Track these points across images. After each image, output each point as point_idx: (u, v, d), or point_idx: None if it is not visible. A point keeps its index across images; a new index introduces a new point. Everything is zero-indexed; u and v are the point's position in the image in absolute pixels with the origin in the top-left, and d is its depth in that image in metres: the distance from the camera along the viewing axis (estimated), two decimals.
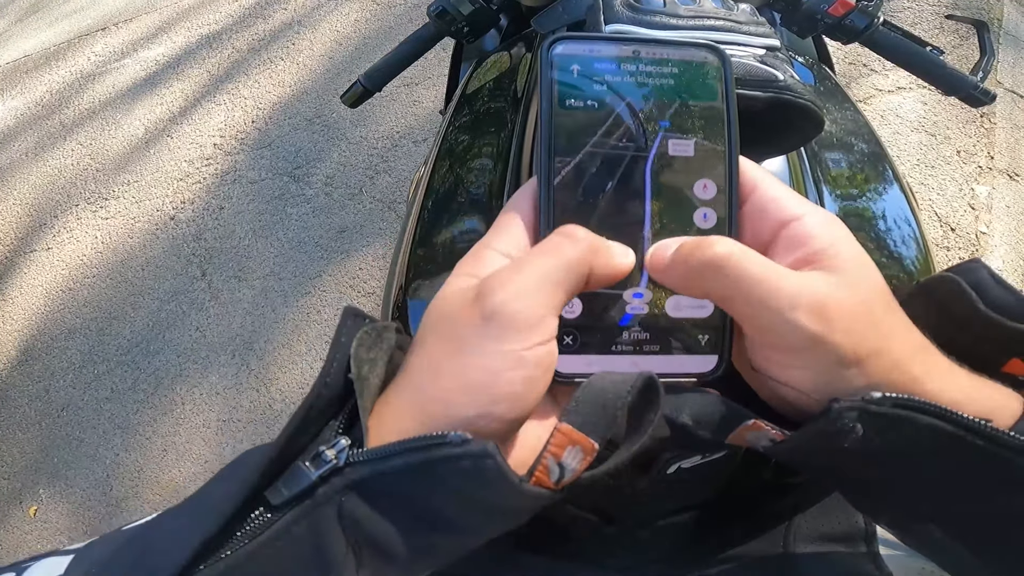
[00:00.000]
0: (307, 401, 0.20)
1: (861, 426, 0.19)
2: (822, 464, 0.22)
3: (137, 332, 1.75)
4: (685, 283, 0.22)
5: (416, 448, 0.19)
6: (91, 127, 2.33)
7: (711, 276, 0.20)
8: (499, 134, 0.64)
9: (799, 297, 0.20)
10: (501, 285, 0.20)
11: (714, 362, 0.23)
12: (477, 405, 0.19)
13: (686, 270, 0.21)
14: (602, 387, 0.20)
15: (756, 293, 0.20)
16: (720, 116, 0.24)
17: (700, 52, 0.24)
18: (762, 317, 0.20)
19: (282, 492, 0.19)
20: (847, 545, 0.31)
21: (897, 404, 0.19)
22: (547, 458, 0.20)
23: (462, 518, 0.20)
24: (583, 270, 0.21)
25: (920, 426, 0.19)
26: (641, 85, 0.23)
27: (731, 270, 0.20)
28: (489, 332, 0.20)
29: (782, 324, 0.20)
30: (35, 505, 1.57)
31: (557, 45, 0.24)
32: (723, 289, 0.20)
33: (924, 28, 1.68)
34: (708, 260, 0.20)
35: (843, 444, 0.19)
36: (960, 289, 0.22)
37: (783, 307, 0.19)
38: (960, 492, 0.20)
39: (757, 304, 0.20)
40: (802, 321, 0.19)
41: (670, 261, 0.22)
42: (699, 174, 0.23)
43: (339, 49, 2.19)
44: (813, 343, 0.19)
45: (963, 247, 1.36)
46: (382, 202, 1.75)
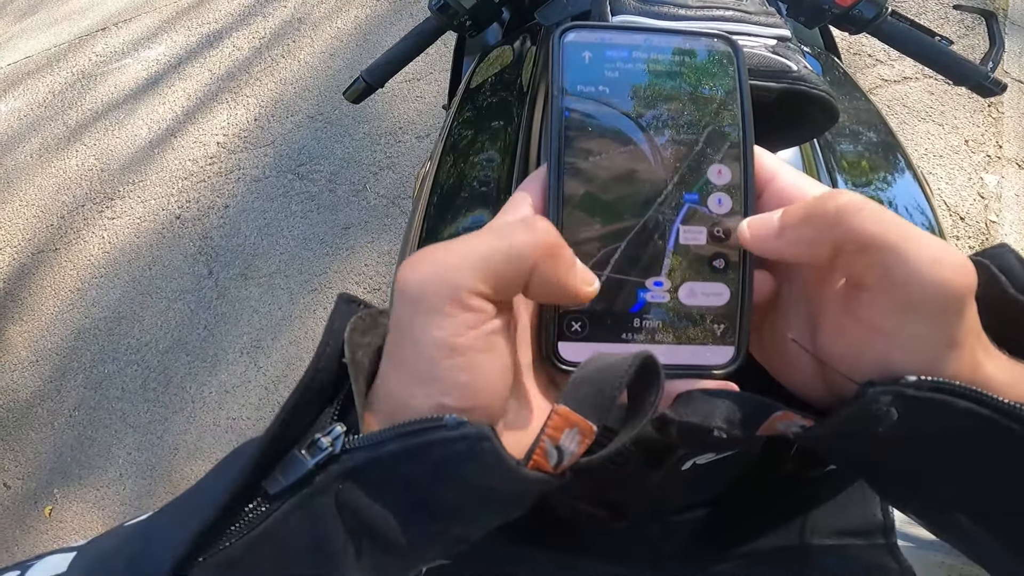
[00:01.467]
0: (300, 386, 0.20)
1: (895, 410, 0.18)
2: (852, 451, 0.22)
3: (146, 331, 1.76)
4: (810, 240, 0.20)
5: (411, 432, 0.18)
6: (95, 128, 2.33)
7: (853, 223, 0.19)
8: (505, 128, 0.64)
9: (944, 253, 0.18)
10: (421, 262, 0.19)
11: (730, 353, 0.23)
12: (429, 397, 0.19)
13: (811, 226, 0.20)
14: (599, 368, 0.20)
15: (899, 239, 0.18)
16: (733, 102, 0.23)
17: (711, 41, 0.24)
18: (905, 270, 0.18)
19: (279, 481, 0.19)
20: (864, 538, 0.31)
21: (934, 388, 0.18)
22: (544, 441, 0.19)
23: (461, 505, 0.20)
24: (523, 264, 0.19)
25: (957, 410, 0.18)
26: (653, 73, 0.23)
27: (871, 214, 0.19)
28: (416, 318, 0.19)
29: (925, 276, 0.18)
30: (50, 505, 1.58)
31: (568, 33, 0.23)
32: (867, 235, 0.19)
33: (929, 18, 1.66)
34: (842, 206, 0.19)
35: (877, 428, 0.19)
36: (990, 274, 0.22)
37: (930, 258, 0.18)
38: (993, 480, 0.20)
39: (900, 251, 0.18)
40: (948, 276, 0.18)
41: (781, 225, 0.21)
42: (713, 160, 0.23)
43: (340, 45, 2.19)
44: (956, 305, 0.18)
45: (973, 236, 1.35)
46: (386, 198, 1.75)
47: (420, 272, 0.19)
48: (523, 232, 0.19)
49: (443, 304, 0.19)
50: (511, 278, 0.19)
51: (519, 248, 0.19)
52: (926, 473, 0.21)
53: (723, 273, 0.23)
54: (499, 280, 0.19)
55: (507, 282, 0.19)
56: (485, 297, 0.19)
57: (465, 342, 0.19)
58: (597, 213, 0.22)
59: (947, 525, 0.23)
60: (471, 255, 0.19)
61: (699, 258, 0.23)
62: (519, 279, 0.19)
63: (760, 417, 0.21)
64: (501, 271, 0.19)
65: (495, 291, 0.19)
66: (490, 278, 0.19)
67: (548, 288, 0.20)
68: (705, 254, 0.23)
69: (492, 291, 0.19)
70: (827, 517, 0.32)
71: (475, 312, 0.19)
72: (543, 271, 0.19)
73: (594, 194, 0.22)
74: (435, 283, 0.19)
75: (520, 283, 0.20)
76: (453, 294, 0.19)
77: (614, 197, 0.23)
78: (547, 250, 0.20)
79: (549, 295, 0.21)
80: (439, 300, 0.19)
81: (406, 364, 0.19)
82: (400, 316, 0.19)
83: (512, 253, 0.19)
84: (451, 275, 0.19)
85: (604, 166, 0.23)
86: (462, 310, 0.19)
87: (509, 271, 0.19)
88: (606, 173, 0.23)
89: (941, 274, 0.18)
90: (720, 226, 0.23)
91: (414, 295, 0.19)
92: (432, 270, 0.19)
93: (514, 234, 0.19)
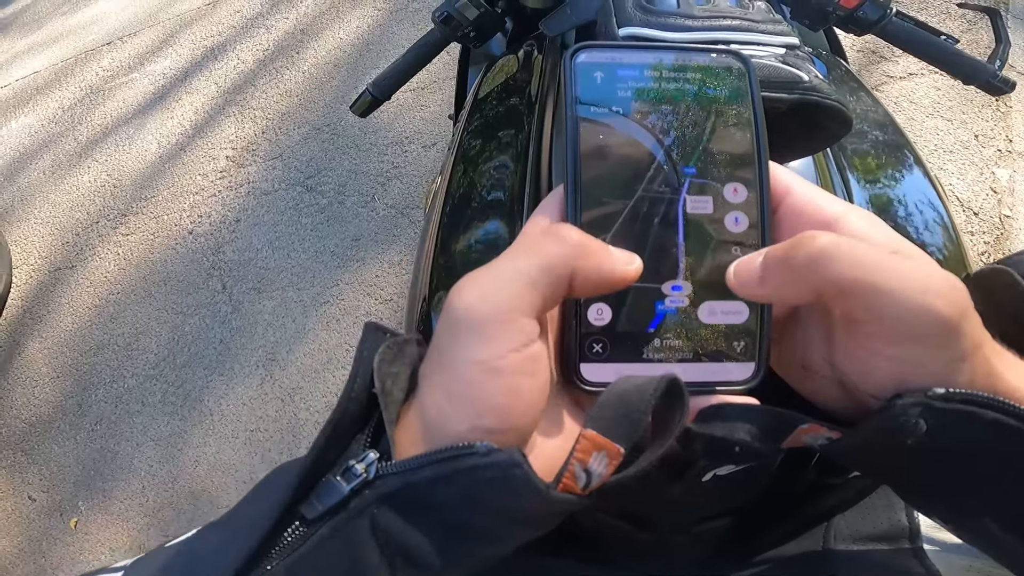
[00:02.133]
0: (333, 417, 0.20)
1: (923, 422, 0.18)
2: (877, 461, 0.22)
3: (163, 346, 1.78)
4: (791, 285, 0.20)
5: (443, 459, 0.19)
6: (105, 143, 2.36)
7: (827, 269, 0.19)
8: (516, 137, 0.64)
9: (929, 281, 0.18)
10: (466, 288, 0.20)
11: (751, 369, 0.23)
12: (466, 419, 0.19)
13: (790, 271, 0.20)
14: (625, 391, 0.20)
15: (879, 279, 0.18)
16: (747, 119, 0.24)
17: (723, 58, 0.24)
18: (889, 305, 0.18)
19: (316, 507, 0.19)
20: (889, 543, 0.31)
21: (963, 400, 0.18)
22: (573, 464, 0.19)
23: (492, 526, 0.20)
24: (563, 272, 0.20)
25: (985, 422, 0.18)
26: (665, 91, 0.23)
27: (846, 257, 0.19)
28: (458, 341, 0.19)
29: (913, 310, 0.18)
30: (75, 517, 1.60)
31: (580, 53, 0.24)
32: (843, 280, 0.19)
33: (931, 14, 1.65)
34: (817, 252, 0.19)
35: (905, 441, 0.19)
36: (1014, 281, 0.22)
37: (914, 291, 0.18)
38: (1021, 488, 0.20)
39: (884, 291, 0.18)
40: (937, 306, 0.18)
41: (762, 270, 0.21)
42: (728, 178, 0.23)
43: (344, 56, 2.20)
44: (948, 330, 0.18)
45: (987, 231, 1.34)
46: (395, 208, 1.77)
47: (467, 297, 0.20)
48: (553, 243, 0.20)
49: (489, 328, 0.19)
50: (553, 290, 0.20)
51: (554, 259, 0.20)
52: (953, 482, 0.21)
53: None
54: (542, 294, 0.20)
55: (550, 294, 0.20)
56: (530, 315, 0.19)
57: (507, 365, 0.19)
58: (615, 235, 0.23)
59: (974, 530, 0.23)
60: (511, 274, 0.20)
61: (718, 276, 0.23)
62: (561, 288, 0.20)
63: (785, 430, 0.21)
64: (542, 286, 0.20)
65: (540, 306, 0.20)
66: (532, 294, 0.19)
67: (594, 284, 0.21)
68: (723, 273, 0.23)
69: (537, 306, 0.20)
70: (851, 523, 0.32)
71: (520, 334, 0.19)
72: (583, 270, 0.20)
73: (611, 213, 0.23)
74: (482, 307, 0.19)
75: (563, 292, 0.20)
76: (500, 316, 0.19)
77: (631, 215, 0.23)
78: (580, 250, 0.20)
79: (597, 289, 0.21)
80: (485, 324, 0.19)
81: (445, 386, 0.20)
82: (443, 338, 0.20)
83: (548, 265, 0.20)
84: (496, 298, 0.19)
85: (620, 188, 0.23)
86: (507, 331, 0.19)
87: (551, 283, 0.20)
88: (622, 194, 0.23)
89: (931, 304, 0.18)
90: (737, 244, 0.23)
91: (459, 319, 0.19)
92: (478, 293, 0.19)
93: (545, 247, 0.20)
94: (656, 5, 0.40)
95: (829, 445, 0.21)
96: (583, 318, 0.23)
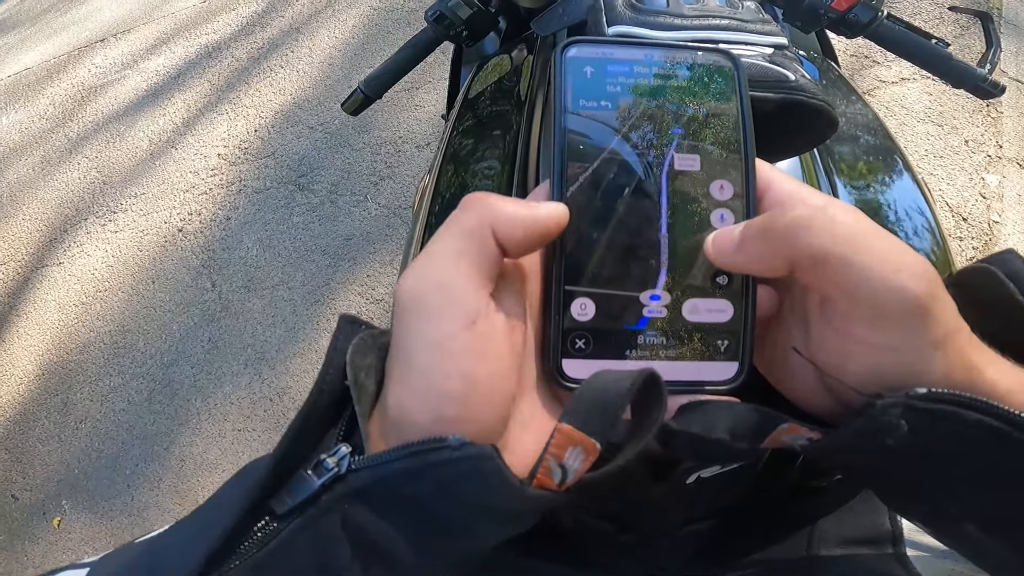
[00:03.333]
0: (304, 409, 0.20)
1: (905, 422, 0.18)
2: (858, 462, 0.22)
3: (151, 344, 1.76)
4: (766, 256, 0.20)
5: (414, 453, 0.18)
6: (96, 140, 2.35)
7: (802, 238, 0.19)
8: (504, 137, 0.64)
9: (902, 261, 0.18)
10: (405, 275, 0.20)
11: (734, 369, 0.23)
12: (426, 410, 0.19)
13: (766, 241, 0.20)
14: (602, 385, 0.20)
15: (853, 252, 0.18)
16: (735, 118, 0.24)
17: (712, 56, 0.24)
18: (861, 280, 0.18)
19: (286, 501, 0.19)
20: (873, 547, 0.31)
21: (943, 399, 0.18)
22: (548, 459, 0.19)
23: (466, 522, 0.20)
24: (484, 231, 0.20)
25: (967, 422, 0.18)
26: (654, 88, 0.23)
27: (820, 228, 0.19)
28: (406, 327, 0.19)
29: (886, 288, 0.18)
30: (58, 516, 1.59)
31: (570, 48, 0.23)
32: (817, 250, 0.19)
33: (923, 19, 1.67)
34: (793, 222, 0.19)
35: (886, 442, 0.19)
36: (997, 280, 0.22)
37: (887, 269, 0.18)
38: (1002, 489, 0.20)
39: (857, 265, 0.18)
40: (910, 285, 0.18)
41: (740, 238, 0.21)
42: (715, 175, 0.23)
43: (338, 55, 2.20)
44: (919, 311, 0.18)
45: (976, 236, 1.35)
46: (387, 208, 1.76)
47: (406, 280, 0.20)
48: (467, 210, 0.20)
49: (429, 300, 0.19)
50: (481, 252, 0.20)
51: (470, 222, 0.20)
52: (934, 483, 0.21)
53: (726, 289, 0.23)
54: (472, 261, 0.20)
55: (480, 259, 0.20)
56: (470, 284, 0.19)
57: (457, 346, 0.19)
58: (599, 229, 0.22)
59: (956, 534, 0.23)
60: (440, 250, 0.20)
61: (702, 274, 0.23)
62: (488, 249, 0.20)
63: (766, 429, 0.21)
64: (469, 252, 0.20)
65: (476, 272, 0.20)
66: (463, 263, 0.19)
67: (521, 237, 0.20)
68: (708, 270, 0.23)
69: (473, 273, 0.20)
70: (834, 526, 0.32)
71: (463, 305, 0.19)
72: (503, 227, 0.20)
73: (596, 210, 0.23)
74: (418, 284, 0.19)
75: (493, 252, 0.20)
76: (437, 287, 0.19)
77: (616, 213, 0.23)
78: (492, 209, 0.20)
79: (528, 241, 0.21)
80: (428, 300, 0.19)
81: (403, 377, 0.19)
82: (396, 330, 0.20)
83: (467, 230, 0.20)
84: (431, 273, 0.20)
85: (606, 183, 0.23)
86: (448, 304, 0.19)
87: (476, 246, 0.20)
88: (608, 189, 0.23)
89: (900, 281, 0.18)
90: None
91: (405, 302, 0.19)
92: (415, 274, 0.20)
93: (462, 216, 0.20)
94: (646, 4, 0.40)
95: (810, 446, 0.21)
96: (566, 313, 0.22)
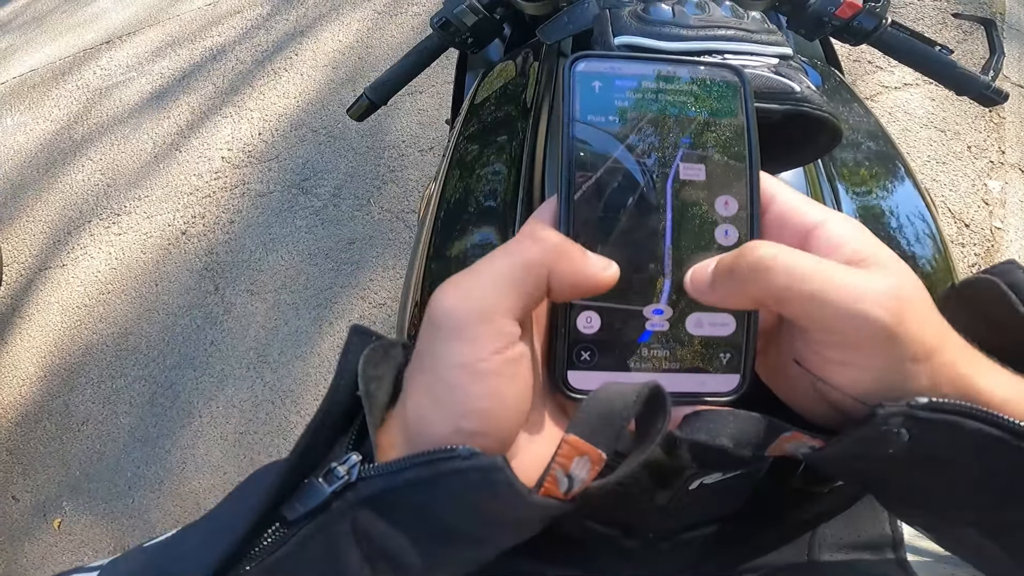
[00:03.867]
0: (316, 419, 0.20)
1: (907, 432, 0.19)
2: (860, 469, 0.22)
3: (153, 347, 1.77)
4: (735, 294, 0.21)
5: (424, 462, 0.19)
6: (100, 142, 2.35)
7: (763, 279, 0.19)
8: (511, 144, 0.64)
9: (865, 290, 0.19)
10: (447, 290, 0.20)
11: (736, 381, 0.23)
12: (447, 422, 0.19)
13: (734, 280, 0.20)
14: (608, 397, 0.20)
15: (815, 288, 0.19)
16: (740, 134, 0.24)
17: (720, 71, 0.24)
18: (825, 313, 0.19)
19: (297, 508, 0.19)
20: (874, 552, 0.31)
21: (943, 409, 0.19)
22: (555, 469, 0.19)
23: (474, 530, 0.20)
24: (541, 272, 0.20)
25: (967, 431, 0.19)
26: (661, 103, 0.24)
27: (781, 268, 0.19)
28: (439, 344, 0.19)
29: (850, 318, 0.19)
30: (59, 518, 1.58)
31: (579, 63, 0.24)
32: (778, 290, 0.19)
33: (926, 24, 1.67)
34: (755, 263, 0.20)
35: (888, 450, 0.19)
36: (999, 292, 0.22)
37: (848, 300, 0.19)
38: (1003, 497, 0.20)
39: (819, 300, 0.19)
40: (873, 313, 0.18)
41: (712, 277, 0.21)
42: (720, 191, 0.23)
43: (342, 58, 2.21)
44: (886, 336, 0.19)
45: (978, 243, 1.35)
46: (391, 212, 1.76)
47: (448, 299, 0.20)
48: (532, 243, 0.20)
49: (470, 328, 0.19)
50: (532, 290, 0.20)
51: (532, 259, 0.20)
52: (935, 490, 0.21)
53: None
54: (521, 295, 0.20)
55: (529, 295, 0.20)
56: (511, 316, 0.20)
57: (489, 367, 0.19)
58: (605, 243, 0.23)
59: (956, 539, 0.23)
60: (492, 276, 0.20)
61: None
62: (540, 289, 0.20)
63: (769, 437, 0.21)
64: (520, 286, 0.20)
65: (521, 307, 0.20)
66: (512, 295, 0.20)
67: (569, 287, 0.21)
68: None
69: (517, 307, 0.20)
70: (836, 532, 0.32)
71: (501, 335, 0.19)
72: (560, 272, 0.20)
73: (602, 223, 0.23)
74: (463, 307, 0.19)
75: (542, 293, 0.20)
76: (480, 316, 0.19)
77: (621, 227, 0.23)
78: (557, 252, 0.20)
79: (573, 292, 0.21)
80: (466, 324, 0.19)
81: (428, 389, 0.20)
82: (426, 341, 0.20)
83: (526, 265, 0.20)
84: (477, 298, 0.19)
85: (612, 196, 0.23)
86: (488, 332, 0.19)
87: (529, 283, 0.20)
88: (614, 203, 0.23)
89: (865, 311, 0.18)
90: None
91: (441, 320, 0.20)
92: (458, 295, 0.20)
93: (524, 248, 0.20)
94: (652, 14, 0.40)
95: (812, 454, 0.21)
96: (572, 326, 0.23)
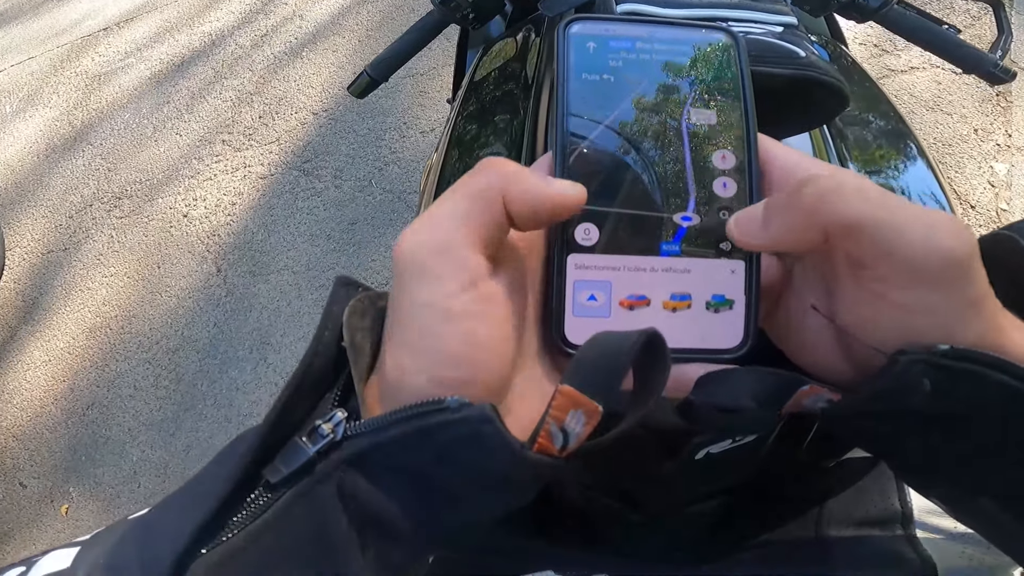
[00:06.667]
0: (298, 371, 0.19)
1: (928, 381, 0.18)
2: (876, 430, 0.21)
3: (156, 329, 1.77)
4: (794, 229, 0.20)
5: (412, 416, 0.18)
6: (100, 127, 2.34)
7: (832, 205, 0.18)
8: (510, 120, 0.63)
9: (938, 220, 0.18)
10: (404, 235, 0.19)
11: (740, 338, 0.23)
12: (423, 369, 0.18)
13: (794, 213, 0.19)
14: (604, 346, 0.19)
15: (885, 214, 0.18)
16: (735, 92, 0.24)
17: (713, 33, 0.24)
18: (896, 240, 0.18)
19: (280, 470, 0.18)
20: (882, 528, 0.31)
21: (968, 358, 0.18)
22: (549, 423, 0.18)
23: (465, 491, 0.19)
24: (494, 198, 0.19)
25: (991, 383, 0.18)
26: (656, 64, 0.24)
27: (852, 193, 0.18)
28: (405, 288, 0.19)
29: (926, 248, 0.17)
30: (66, 504, 1.60)
31: (573, 24, 0.24)
32: (847, 216, 0.18)
33: (934, 7, 1.65)
34: (825, 188, 0.18)
35: (909, 401, 0.18)
36: (1017, 246, 0.21)
37: (922, 226, 0.18)
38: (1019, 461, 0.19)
39: (890, 226, 0.18)
40: (950, 243, 0.17)
41: (766, 216, 0.20)
42: (717, 147, 0.23)
43: (342, 41, 2.19)
44: (958, 270, 0.18)
45: (984, 225, 1.34)
46: (392, 193, 1.76)
47: (405, 241, 0.19)
48: (481, 174, 0.20)
49: (430, 264, 0.18)
50: (488, 218, 0.19)
51: (482, 187, 0.19)
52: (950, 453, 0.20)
53: (730, 255, 0.23)
54: (479, 224, 0.19)
55: (486, 223, 0.19)
56: (472, 248, 0.19)
57: (459, 306, 0.18)
58: (601, 203, 0.22)
59: (971, 511, 0.22)
60: (444, 211, 0.19)
61: (706, 241, 0.23)
62: (497, 216, 0.19)
63: (786, 392, 0.20)
64: (477, 215, 0.19)
65: (480, 237, 0.19)
66: (468, 226, 0.19)
67: (529, 209, 0.20)
68: (711, 236, 0.23)
69: (477, 237, 0.19)
70: (844, 507, 0.32)
71: (465, 269, 0.19)
72: (513, 195, 0.19)
73: (599, 180, 0.23)
74: (420, 245, 0.19)
75: (500, 219, 0.19)
76: (438, 249, 0.19)
77: (619, 184, 0.23)
78: (507, 177, 0.19)
79: (535, 216, 0.20)
80: (428, 261, 0.18)
81: (402, 338, 0.19)
82: (394, 291, 0.19)
83: (477, 194, 0.19)
84: (433, 233, 0.19)
85: (605, 156, 0.23)
86: (449, 266, 0.18)
87: (483, 209, 0.19)
88: (611, 160, 0.23)
89: (940, 241, 0.17)
90: (726, 209, 0.23)
91: (402, 264, 0.19)
92: (415, 236, 0.19)
93: (474, 180, 0.20)
94: None
95: (830, 408, 0.20)
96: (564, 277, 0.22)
